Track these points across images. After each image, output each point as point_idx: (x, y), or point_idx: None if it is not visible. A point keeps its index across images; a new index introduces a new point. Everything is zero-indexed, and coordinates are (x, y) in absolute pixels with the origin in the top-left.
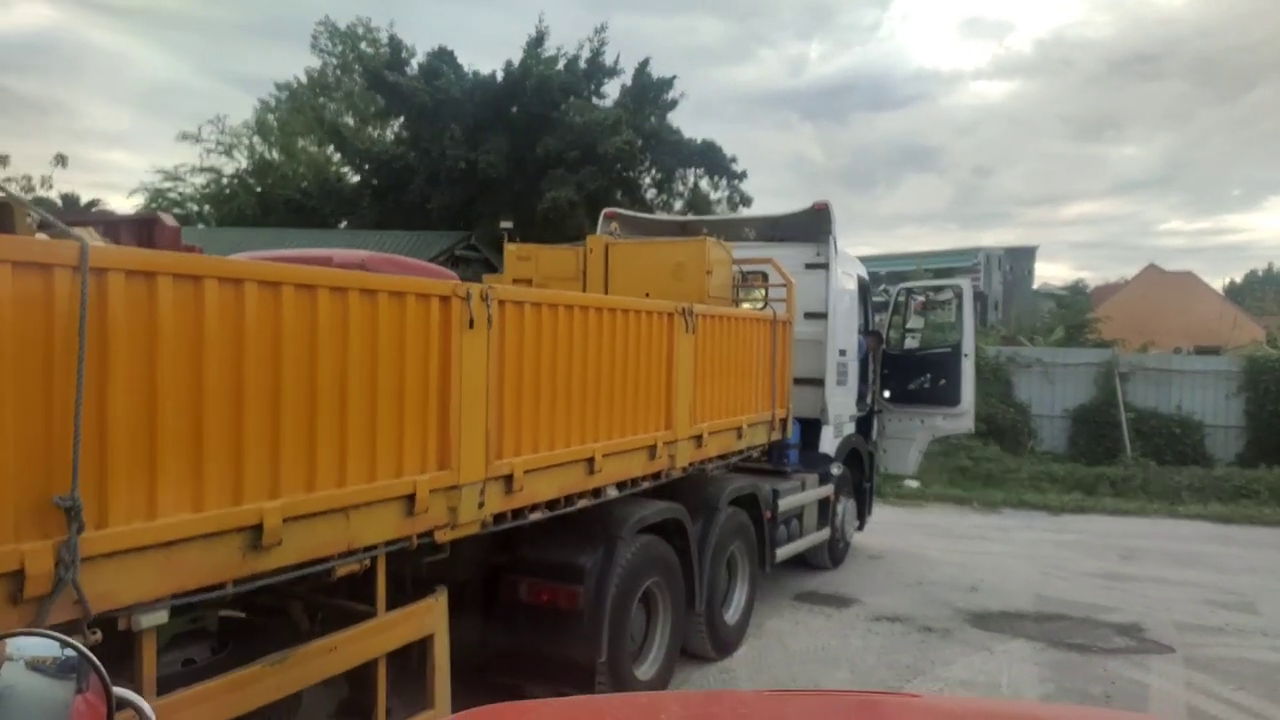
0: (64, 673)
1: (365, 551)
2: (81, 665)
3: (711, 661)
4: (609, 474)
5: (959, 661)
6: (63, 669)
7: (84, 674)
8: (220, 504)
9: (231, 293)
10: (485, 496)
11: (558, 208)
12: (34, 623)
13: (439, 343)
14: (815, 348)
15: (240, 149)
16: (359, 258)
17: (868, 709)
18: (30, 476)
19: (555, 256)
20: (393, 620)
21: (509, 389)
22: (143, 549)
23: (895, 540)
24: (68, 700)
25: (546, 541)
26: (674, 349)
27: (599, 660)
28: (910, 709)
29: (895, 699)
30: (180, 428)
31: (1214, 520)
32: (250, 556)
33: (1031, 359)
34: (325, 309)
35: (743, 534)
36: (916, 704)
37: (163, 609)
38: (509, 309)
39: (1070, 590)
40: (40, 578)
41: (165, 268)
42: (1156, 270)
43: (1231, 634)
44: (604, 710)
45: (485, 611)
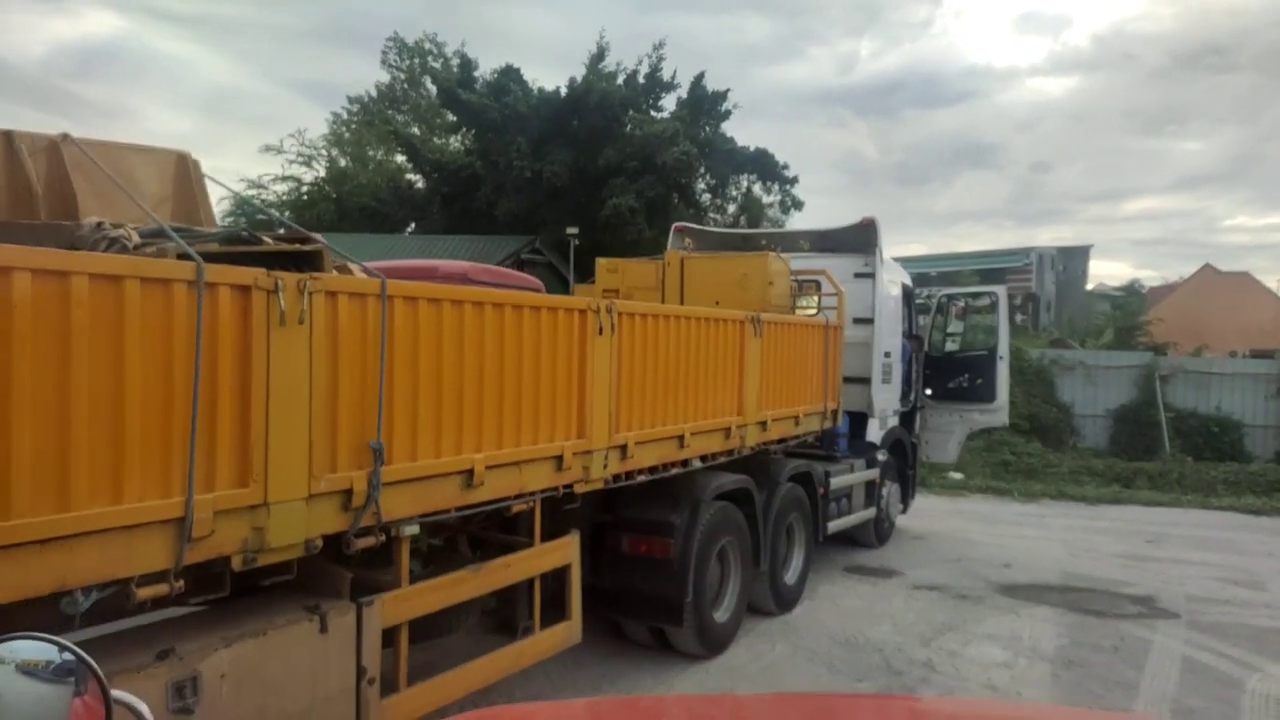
0: (61, 676)
1: (530, 495)
2: (79, 668)
3: (774, 616)
4: (694, 449)
5: (989, 620)
6: (60, 672)
7: (82, 677)
8: (451, 453)
9: (457, 311)
10: (608, 460)
11: (618, 214)
12: (351, 526)
13: (578, 345)
14: (863, 350)
15: (319, 160)
16: (461, 269)
17: (868, 711)
18: (354, 430)
19: (638, 269)
20: (545, 549)
21: (624, 380)
22: (408, 481)
23: (937, 525)
24: (66, 703)
25: (644, 504)
26: (745, 350)
27: (686, 600)
28: (910, 710)
29: (895, 701)
30: (431, 402)
31: (1245, 511)
32: (465, 492)
33: (1074, 361)
34: (510, 321)
35: (799, 507)
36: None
37: (416, 524)
38: (624, 319)
39: (1095, 568)
40: (360, 494)
41: (435, 295)
42: (1212, 271)
43: (1236, 605)
44: (605, 713)
45: (593, 559)
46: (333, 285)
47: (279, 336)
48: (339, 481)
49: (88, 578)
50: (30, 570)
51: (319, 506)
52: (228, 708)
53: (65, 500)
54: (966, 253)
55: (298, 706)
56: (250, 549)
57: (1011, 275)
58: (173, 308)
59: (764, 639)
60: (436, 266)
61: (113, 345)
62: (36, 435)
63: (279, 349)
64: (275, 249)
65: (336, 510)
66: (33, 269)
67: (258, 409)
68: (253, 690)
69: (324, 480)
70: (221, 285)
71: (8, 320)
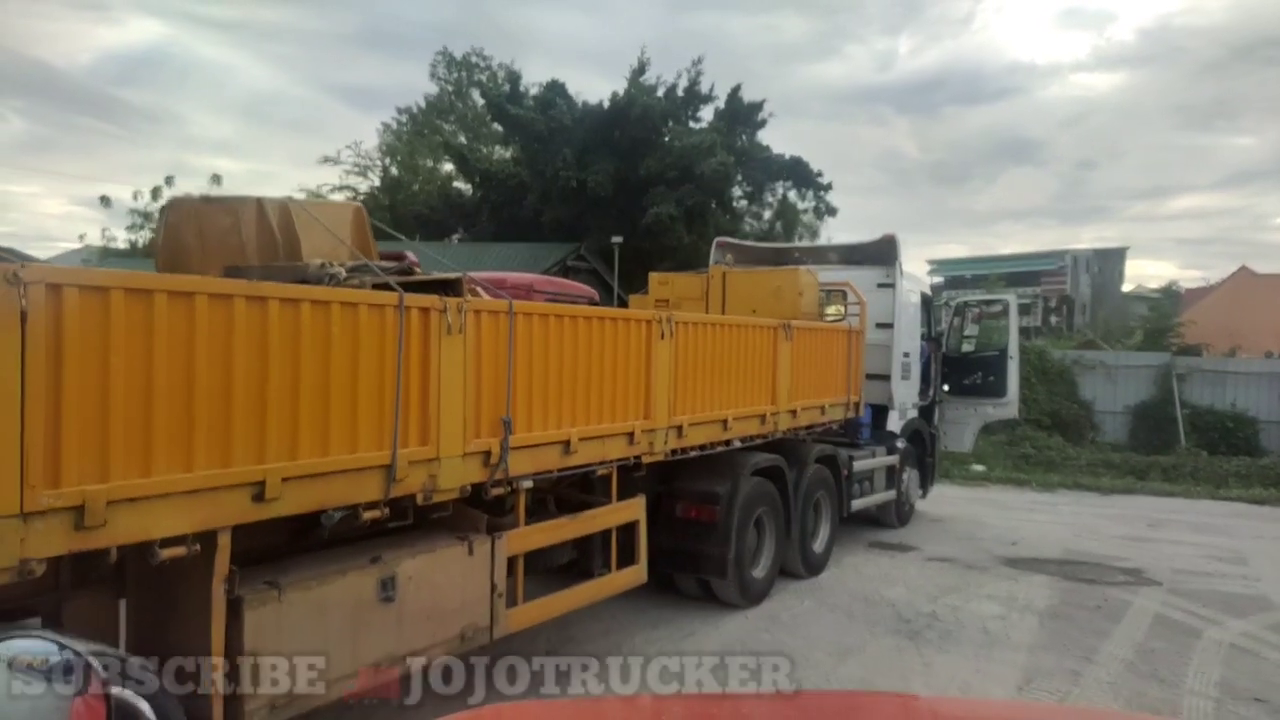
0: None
1: (610, 462)
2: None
3: (803, 579)
4: (735, 431)
5: (989, 585)
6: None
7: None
8: (554, 428)
9: (559, 323)
10: (668, 437)
11: (659, 222)
12: (489, 478)
13: (645, 347)
14: (884, 350)
15: (374, 170)
16: (526, 280)
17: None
18: (492, 408)
19: (685, 282)
20: (620, 507)
21: (680, 374)
22: (526, 447)
23: (956, 510)
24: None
25: (694, 477)
26: (777, 351)
27: (729, 557)
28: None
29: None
30: (541, 389)
31: (1249, 501)
32: (564, 457)
33: (1095, 361)
34: (595, 329)
35: (825, 485)
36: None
37: (530, 480)
38: (679, 327)
39: (1095, 546)
40: (495, 455)
41: (544, 311)
42: (1248, 273)
43: (1216, 576)
44: (606, 712)
45: (651, 523)
46: (478, 306)
47: (446, 343)
48: (482, 445)
49: (338, 501)
50: (310, 493)
51: (470, 462)
52: (413, 600)
53: (325, 448)
54: (1002, 255)
55: (452, 605)
56: (428, 489)
57: (1046, 278)
58: (385, 323)
59: (794, 595)
60: (505, 278)
61: (350, 348)
62: (310, 408)
63: (446, 351)
64: (429, 278)
65: (480, 466)
66: (311, 300)
67: (434, 392)
68: (427, 590)
69: (473, 444)
70: (413, 308)
71: (296, 334)
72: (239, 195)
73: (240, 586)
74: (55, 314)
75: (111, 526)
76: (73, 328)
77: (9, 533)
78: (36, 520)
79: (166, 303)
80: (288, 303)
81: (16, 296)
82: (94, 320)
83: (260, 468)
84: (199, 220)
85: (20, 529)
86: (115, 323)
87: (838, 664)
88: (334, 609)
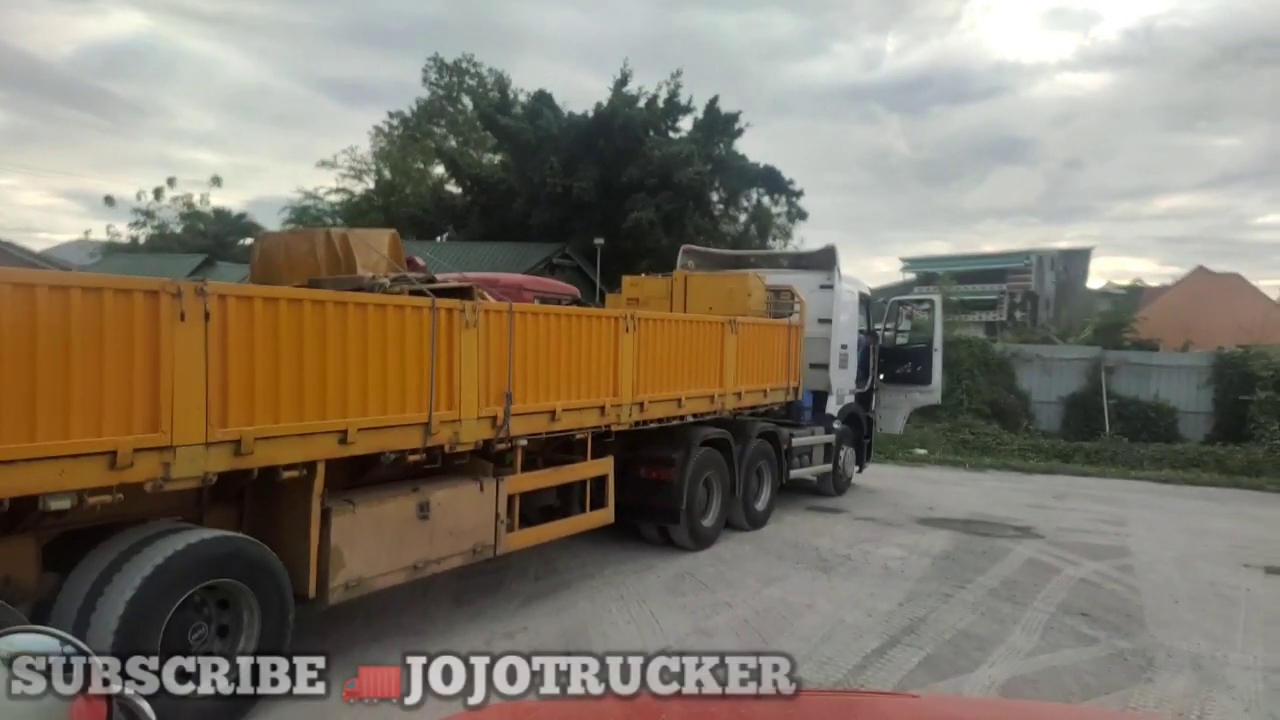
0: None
1: (586, 429)
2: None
3: (746, 531)
4: (688, 409)
5: (900, 536)
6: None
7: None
8: (544, 400)
9: (547, 319)
10: (632, 411)
11: (639, 226)
12: (495, 436)
13: (613, 339)
14: (824, 343)
15: (368, 174)
16: (516, 280)
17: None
18: (497, 384)
19: (653, 284)
20: (594, 463)
21: (642, 360)
22: (522, 414)
23: (890, 485)
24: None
25: (655, 445)
26: (725, 343)
27: (682, 509)
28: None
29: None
30: (533, 370)
31: (1156, 481)
32: (550, 423)
33: (1032, 354)
34: (575, 324)
35: (767, 457)
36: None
37: (525, 439)
38: (641, 322)
39: (1000, 511)
40: (499, 419)
41: (536, 311)
42: (1205, 272)
43: (1093, 533)
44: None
45: (619, 483)
46: (487, 307)
47: (465, 335)
48: (490, 411)
49: (393, 446)
50: (375, 439)
51: (482, 424)
52: (441, 520)
53: (384, 409)
54: (976, 254)
55: (468, 526)
56: (453, 442)
57: (1012, 276)
58: (422, 320)
59: (737, 542)
60: (498, 279)
61: (399, 337)
62: (375, 379)
63: (464, 341)
64: (449, 285)
65: (489, 427)
66: (373, 304)
67: (456, 370)
68: (451, 514)
69: (484, 410)
70: (442, 309)
71: (363, 328)
72: (311, 227)
73: (329, 500)
74: (222, 315)
75: (256, 454)
76: (233, 324)
77: (199, 455)
78: (214, 448)
79: (287, 307)
80: (358, 306)
81: (203, 303)
82: (244, 319)
83: (344, 420)
84: (286, 246)
85: (205, 453)
86: (258, 319)
87: (764, 587)
88: (388, 521)
